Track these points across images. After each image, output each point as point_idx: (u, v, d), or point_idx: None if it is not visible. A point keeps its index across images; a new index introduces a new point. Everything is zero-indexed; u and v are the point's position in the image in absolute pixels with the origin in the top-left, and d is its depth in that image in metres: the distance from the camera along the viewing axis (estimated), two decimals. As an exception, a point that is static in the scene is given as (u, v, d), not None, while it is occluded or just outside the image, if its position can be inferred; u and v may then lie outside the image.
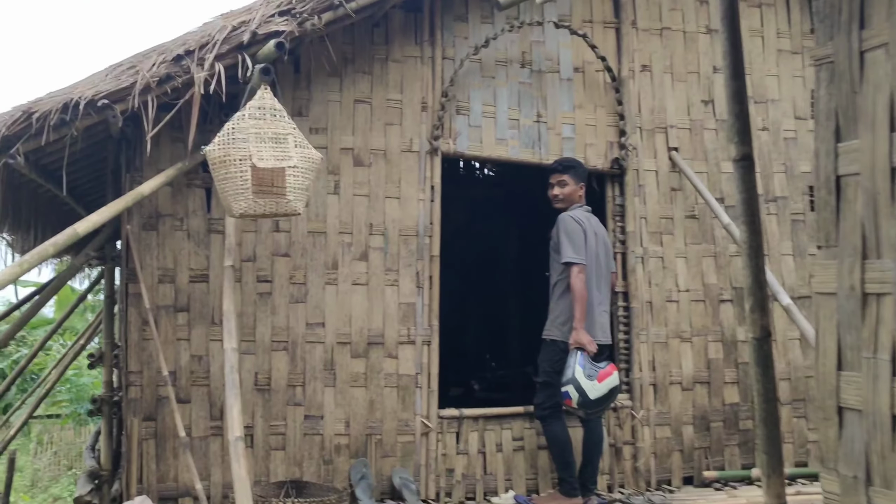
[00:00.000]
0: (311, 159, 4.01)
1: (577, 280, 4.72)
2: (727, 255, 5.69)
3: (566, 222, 4.87)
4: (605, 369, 4.61)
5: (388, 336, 5.00)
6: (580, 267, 4.74)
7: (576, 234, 4.81)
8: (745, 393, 5.58)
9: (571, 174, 5.06)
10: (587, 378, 4.56)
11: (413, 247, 5.11)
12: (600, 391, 4.54)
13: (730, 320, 5.64)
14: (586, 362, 4.61)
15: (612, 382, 4.61)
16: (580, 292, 4.69)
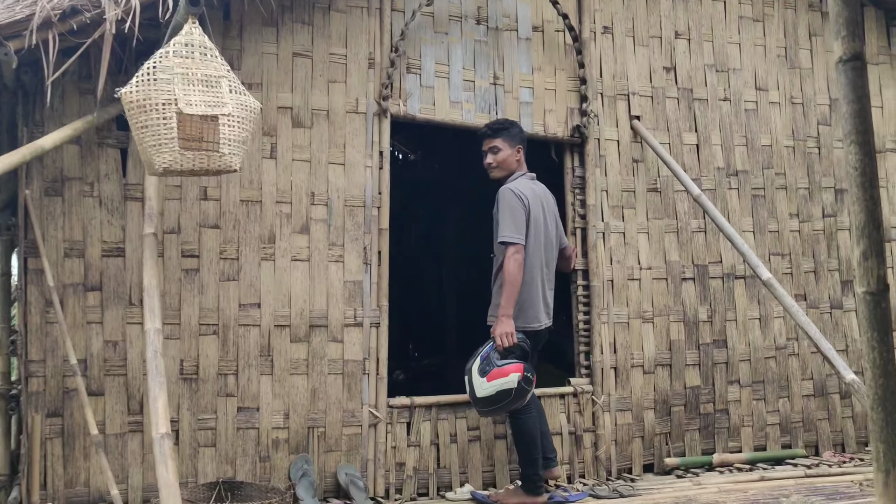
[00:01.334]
0: (249, 108, 3.34)
1: (511, 262, 4.07)
2: (689, 230, 5.26)
3: (506, 197, 4.19)
4: (502, 368, 3.97)
5: (332, 318, 4.36)
6: (516, 248, 4.09)
7: (517, 211, 4.14)
8: (707, 375, 5.19)
9: (504, 137, 4.36)
10: (479, 373, 4.01)
11: (359, 219, 4.49)
12: (487, 391, 3.97)
13: (691, 299, 5.21)
14: (489, 356, 4.04)
15: (504, 385, 3.94)
16: (512, 276, 4.04)
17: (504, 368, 3.98)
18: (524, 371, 3.98)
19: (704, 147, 5.36)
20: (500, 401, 3.99)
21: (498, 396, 3.98)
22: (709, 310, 5.21)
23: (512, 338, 4.03)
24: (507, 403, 4.00)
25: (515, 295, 4.07)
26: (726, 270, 5.29)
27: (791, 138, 5.62)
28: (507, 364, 3.99)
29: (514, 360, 4.01)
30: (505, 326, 4.05)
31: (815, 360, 5.44)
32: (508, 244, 4.10)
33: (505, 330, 4.04)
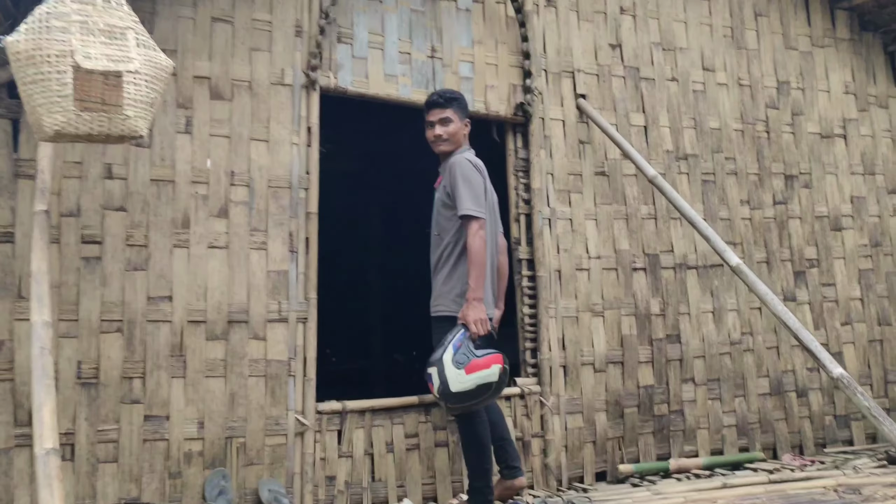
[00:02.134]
0: (160, 65, 2.95)
1: (478, 238, 3.71)
2: (639, 217, 5.06)
3: (464, 167, 3.86)
4: (482, 359, 3.58)
5: (253, 312, 3.99)
6: (480, 223, 3.74)
7: (476, 182, 3.82)
8: (660, 373, 5.00)
9: (455, 108, 4.03)
10: (454, 364, 3.59)
11: (285, 202, 4.13)
12: (464, 385, 3.55)
13: (643, 291, 5.01)
14: (463, 345, 3.64)
15: (485, 378, 3.57)
16: (479, 254, 3.69)
17: (486, 359, 3.59)
18: (503, 362, 3.63)
19: (652, 129, 5.19)
20: (479, 395, 3.60)
21: (477, 391, 3.58)
22: (661, 302, 5.03)
23: (486, 324, 3.69)
24: (486, 398, 3.63)
25: (484, 276, 3.73)
26: (678, 260, 5.12)
27: (740, 121, 5.51)
28: (488, 354, 3.61)
29: (493, 350, 3.65)
30: (478, 311, 3.68)
31: (770, 356, 5.31)
32: (472, 218, 3.74)
33: (479, 316, 3.67)
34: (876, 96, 6.05)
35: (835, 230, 5.68)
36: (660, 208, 5.09)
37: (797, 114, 5.71)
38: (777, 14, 5.79)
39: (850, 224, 5.75)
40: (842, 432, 5.46)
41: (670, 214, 5.13)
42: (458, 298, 3.84)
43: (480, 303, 3.69)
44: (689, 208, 4.37)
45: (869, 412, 3.81)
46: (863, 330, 5.64)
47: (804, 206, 5.59)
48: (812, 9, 5.92)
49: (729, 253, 4.23)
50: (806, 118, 5.73)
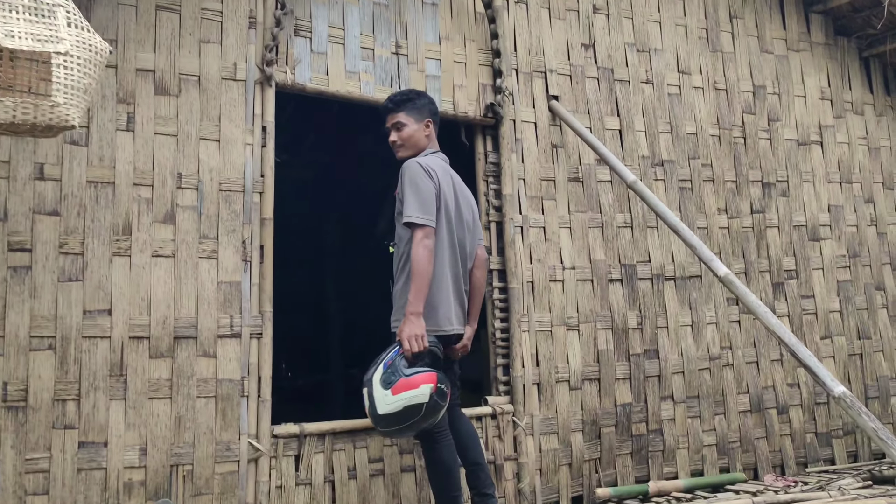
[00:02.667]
0: (95, 48, 2.66)
1: (421, 248, 3.39)
2: (614, 225, 4.86)
3: (412, 171, 3.53)
4: (410, 378, 3.30)
5: (203, 327, 3.67)
6: (426, 231, 3.42)
7: (425, 188, 3.49)
8: (638, 390, 4.79)
9: (408, 110, 3.75)
10: (382, 384, 3.33)
11: (238, 206, 3.83)
12: (390, 407, 3.29)
13: (620, 303, 4.80)
14: (394, 364, 3.37)
15: (412, 399, 3.27)
16: (420, 264, 3.38)
17: (413, 378, 3.31)
18: (437, 382, 3.32)
19: (628, 133, 5.01)
20: (408, 418, 3.31)
21: (405, 413, 3.30)
22: (638, 315, 4.83)
23: (422, 341, 3.37)
24: (417, 422, 3.33)
25: (426, 288, 3.42)
26: (655, 271, 4.92)
27: (716, 126, 5.35)
28: (417, 373, 3.32)
29: (426, 369, 3.36)
30: (414, 327, 3.37)
31: (750, 372, 5.14)
32: (416, 226, 3.45)
33: (414, 332, 3.37)
34: (851, 103, 5.95)
35: (813, 240, 5.54)
36: (636, 216, 4.90)
37: (774, 119, 5.57)
38: (752, 16, 5.66)
39: (828, 234, 5.62)
40: (823, 451, 5.30)
41: (646, 223, 4.94)
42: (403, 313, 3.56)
43: (419, 318, 3.39)
44: (671, 215, 4.17)
45: (876, 434, 3.60)
46: (842, 344, 5.50)
47: (782, 215, 5.45)
48: (787, 11, 5.81)
49: (716, 262, 4.03)
50: (783, 124, 5.60)
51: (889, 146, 6.03)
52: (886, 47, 5.94)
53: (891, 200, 5.94)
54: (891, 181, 5.96)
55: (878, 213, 5.85)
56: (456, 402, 3.80)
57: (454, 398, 3.79)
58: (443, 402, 3.35)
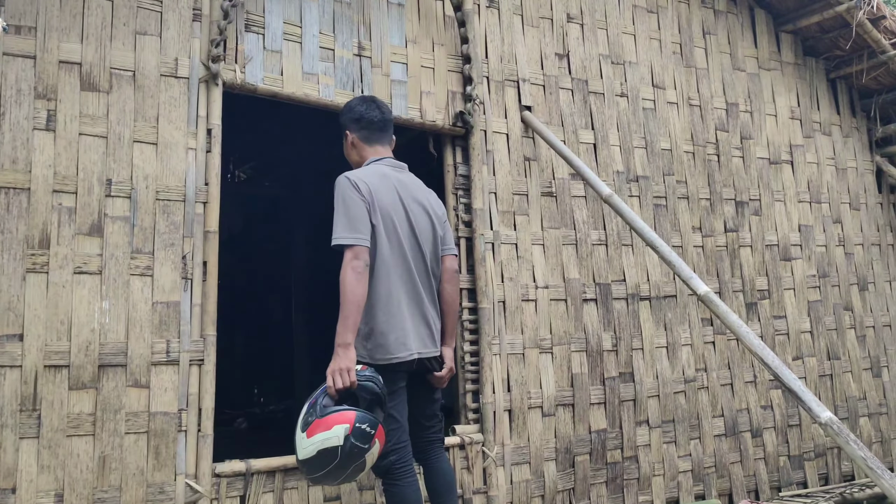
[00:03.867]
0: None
1: (348, 270, 2.70)
2: (589, 242, 4.12)
3: (338, 187, 2.85)
4: (325, 418, 2.59)
5: (134, 354, 2.85)
6: (355, 251, 2.72)
7: (352, 203, 2.78)
8: (613, 416, 4.04)
9: (343, 122, 3.08)
10: (300, 426, 2.64)
11: (177, 218, 3.03)
12: (305, 452, 2.60)
13: (594, 324, 4.06)
14: (317, 403, 2.65)
15: (325, 442, 2.56)
16: (349, 289, 2.68)
17: (327, 419, 2.57)
18: (356, 422, 2.56)
19: (602, 147, 4.28)
20: (323, 464, 2.57)
21: (320, 459, 2.56)
22: (613, 337, 4.09)
23: (348, 375, 2.63)
24: (333, 470, 2.57)
25: (356, 316, 2.68)
26: (630, 290, 4.19)
27: (690, 143, 4.65)
28: (333, 412, 2.58)
29: (344, 408, 2.59)
30: (338, 360, 2.65)
31: (724, 394, 4.41)
32: (344, 247, 2.74)
33: (338, 365, 2.64)
34: (820, 123, 5.29)
35: (784, 260, 4.85)
36: (610, 233, 4.17)
37: (746, 137, 4.89)
38: (724, 33, 4.98)
39: (799, 254, 4.93)
40: (796, 473, 4.59)
41: (621, 240, 4.22)
42: (364, 341, 2.81)
43: (346, 350, 2.66)
44: (649, 231, 3.44)
45: (865, 463, 2.89)
46: (813, 364, 4.81)
47: (755, 234, 4.76)
48: (758, 30, 5.14)
49: (696, 280, 3.29)
50: (755, 142, 4.91)
51: (855, 167, 5.38)
52: (853, 69, 5.29)
53: (857, 221, 5.28)
54: (857, 202, 5.30)
55: (846, 234, 5.19)
56: (436, 437, 3.04)
57: (434, 432, 3.02)
58: (365, 445, 2.57)
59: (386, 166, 3.00)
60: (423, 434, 3.01)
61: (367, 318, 2.80)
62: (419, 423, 2.99)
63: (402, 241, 2.88)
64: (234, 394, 9.07)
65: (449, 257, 3.09)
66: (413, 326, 2.87)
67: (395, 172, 2.99)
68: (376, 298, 2.80)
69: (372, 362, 2.78)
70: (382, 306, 2.81)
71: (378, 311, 2.80)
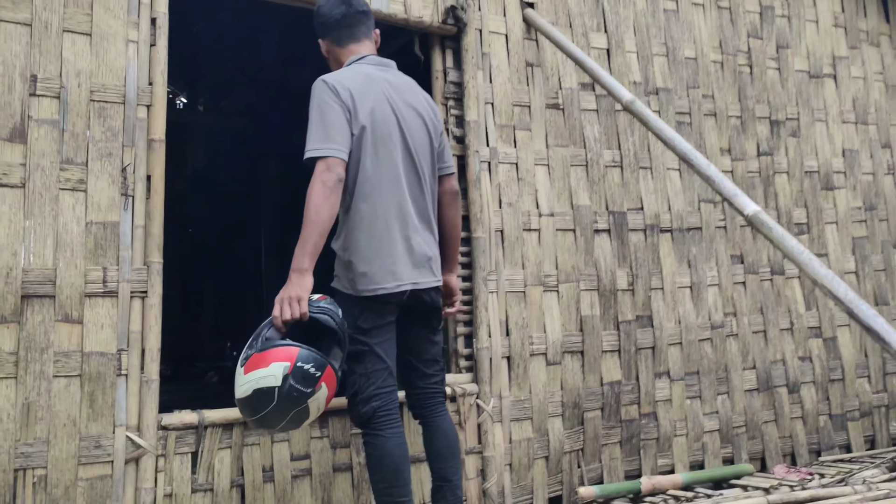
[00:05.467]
0: None
1: (317, 184, 2.57)
2: (601, 164, 4.01)
3: (314, 93, 2.73)
4: (264, 353, 2.47)
5: (64, 283, 2.72)
6: (327, 162, 2.60)
7: (329, 109, 2.66)
8: (629, 366, 3.97)
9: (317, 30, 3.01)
10: (241, 360, 2.55)
11: (116, 123, 2.87)
12: (241, 390, 2.49)
13: (607, 259, 3.95)
14: (259, 335, 2.54)
15: (260, 381, 2.44)
16: (314, 205, 2.55)
17: (265, 353, 2.46)
18: (297, 360, 2.45)
19: (617, 54, 4.16)
20: (258, 407, 2.46)
21: (254, 399, 2.46)
22: (629, 274, 4.01)
23: (298, 305, 2.52)
24: (271, 414, 2.47)
25: (318, 238, 2.55)
26: (649, 220, 4.11)
27: (719, 51, 4.53)
28: (273, 347, 2.47)
29: (287, 343, 2.49)
30: (291, 288, 2.53)
31: (757, 343, 4.36)
32: (315, 159, 2.61)
33: (289, 293, 2.53)
34: (867, 32, 5.18)
35: (825, 189, 4.78)
36: (626, 153, 4.07)
37: (783, 46, 4.77)
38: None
39: (842, 182, 4.85)
40: (838, 435, 4.56)
41: (639, 162, 4.12)
42: (345, 272, 2.74)
43: (301, 276, 2.55)
44: (682, 141, 3.30)
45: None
46: (857, 311, 4.76)
47: (792, 159, 4.67)
48: (797, -78, 5.02)
49: (742, 198, 3.13)
50: (793, 52, 4.80)
51: (907, 84, 5.29)
52: (907, -31, 5.18)
53: (909, 146, 5.21)
54: (909, 124, 5.23)
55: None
56: (437, 390, 2.95)
57: (434, 383, 2.93)
58: (307, 389, 2.47)
59: (369, 65, 2.88)
60: (421, 384, 2.92)
61: (346, 244, 2.72)
62: (416, 368, 2.90)
63: (393, 154, 2.77)
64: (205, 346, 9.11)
65: (448, 177, 3.02)
66: (405, 252, 2.76)
67: (380, 72, 2.88)
68: (358, 220, 2.70)
69: (355, 294, 2.69)
70: (366, 229, 2.70)
71: (360, 234, 2.70)
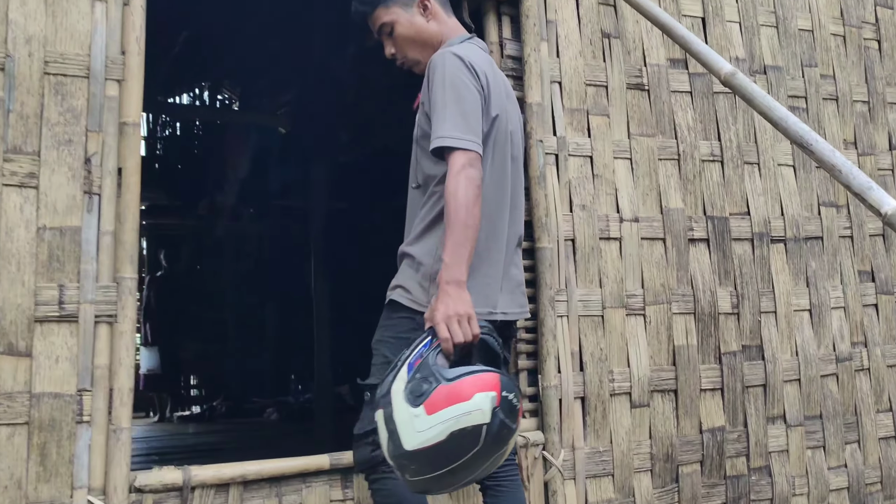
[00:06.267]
0: None
1: (462, 180, 2.03)
2: (697, 157, 3.33)
3: (447, 66, 2.16)
4: (456, 384, 1.87)
5: (7, 304, 2.17)
6: (470, 157, 2.06)
7: (469, 93, 2.13)
8: (734, 408, 3.27)
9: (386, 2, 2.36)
10: (408, 399, 1.89)
11: (78, 102, 2.33)
12: (426, 436, 1.86)
13: (705, 276, 3.26)
14: (425, 363, 1.92)
15: (463, 420, 1.83)
16: (462, 205, 2.01)
17: (460, 384, 1.85)
18: (502, 388, 1.88)
19: (714, 24, 3.48)
20: (459, 453, 1.84)
21: (452, 444, 1.83)
22: (733, 294, 3.29)
23: (470, 326, 1.96)
24: (472, 459, 1.85)
25: (472, 242, 2.03)
26: (757, 228, 3.39)
27: (840, 23, 3.80)
28: (467, 375, 1.87)
29: (481, 368, 1.91)
30: (455, 303, 1.96)
31: (893, 378, 3.60)
32: (454, 150, 2.06)
33: (456, 310, 1.95)
34: None
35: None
36: (728, 145, 3.37)
37: (917, 18, 4.03)
38: None
39: None
40: None
41: (744, 156, 3.41)
42: (423, 275, 2.17)
43: (461, 289, 1.99)
44: (797, 122, 2.60)
45: None
46: None
47: (931, 155, 3.91)
48: None
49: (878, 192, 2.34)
50: (929, 25, 4.06)
51: None
52: None
53: None
54: None
55: None
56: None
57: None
58: (513, 423, 1.90)
59: (481, 49, 2.36)
60: None
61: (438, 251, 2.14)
62: None
63: (505, 159, 2.27)
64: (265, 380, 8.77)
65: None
66: (501, 274, 2.23)
67: (492, 60, 2.38)
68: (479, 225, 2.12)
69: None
70: (482, 247, 2.15)
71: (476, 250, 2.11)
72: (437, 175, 2.18)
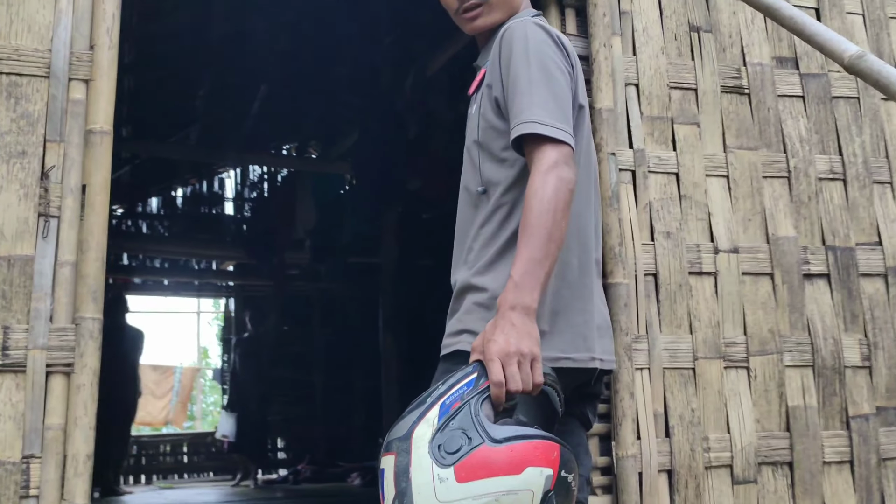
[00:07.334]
0: None
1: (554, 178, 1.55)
2: (812, 175, 2.82)
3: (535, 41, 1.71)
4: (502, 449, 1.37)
5: (-64, 350, 1.91)
6: (563, 152, 1.60)
7: (560, 73, 1.70)
8: (868, 486, 2.70)
9: None
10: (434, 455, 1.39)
11: (35, 106, 2.01)
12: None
13: (826, 320, 2.74)
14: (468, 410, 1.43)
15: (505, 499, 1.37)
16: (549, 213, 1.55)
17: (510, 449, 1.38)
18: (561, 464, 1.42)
19: (832, 15, 2.99)
20: None
21: None
22: (862, 343, 2.73)
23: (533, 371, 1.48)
24: None
25: (553, 260, 1.58)
26: (891, 262, 2.83)
27: None
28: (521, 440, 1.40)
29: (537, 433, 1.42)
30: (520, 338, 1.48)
31: None
32: (544, 141, 1.61)
33: (520, 347, 1.47)
34: None
35: None
36: (851, 160, 2.84)
37: None
38: None
39: None
40: None
41: (871, 173, 2.86)
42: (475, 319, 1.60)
43: (528, 318, 1.53)
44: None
45: None
46: None
47: None
48: None
49: None
50: None
51: None
52: None
53: None
54: None
55: None
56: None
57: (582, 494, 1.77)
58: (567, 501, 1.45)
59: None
60: None
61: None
62: None
63: (588, 167, 1.84)
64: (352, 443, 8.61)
65: None
66: (596, 312, 1.77)
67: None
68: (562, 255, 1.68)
69: None
70: (567, 274, 1.72)
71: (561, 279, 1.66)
72: (502, 181, 1.72)
